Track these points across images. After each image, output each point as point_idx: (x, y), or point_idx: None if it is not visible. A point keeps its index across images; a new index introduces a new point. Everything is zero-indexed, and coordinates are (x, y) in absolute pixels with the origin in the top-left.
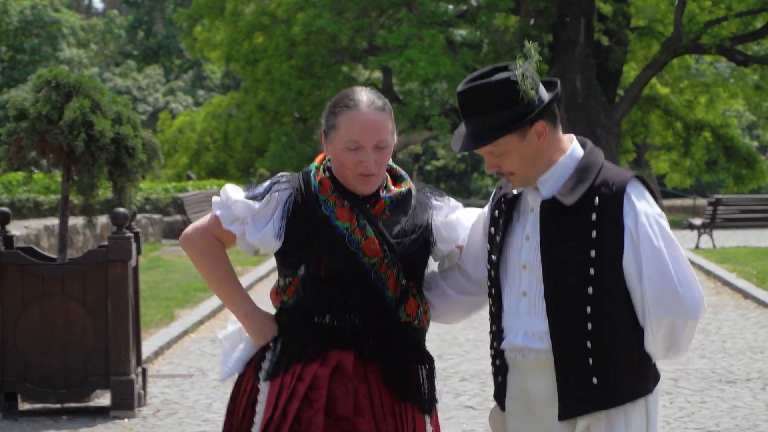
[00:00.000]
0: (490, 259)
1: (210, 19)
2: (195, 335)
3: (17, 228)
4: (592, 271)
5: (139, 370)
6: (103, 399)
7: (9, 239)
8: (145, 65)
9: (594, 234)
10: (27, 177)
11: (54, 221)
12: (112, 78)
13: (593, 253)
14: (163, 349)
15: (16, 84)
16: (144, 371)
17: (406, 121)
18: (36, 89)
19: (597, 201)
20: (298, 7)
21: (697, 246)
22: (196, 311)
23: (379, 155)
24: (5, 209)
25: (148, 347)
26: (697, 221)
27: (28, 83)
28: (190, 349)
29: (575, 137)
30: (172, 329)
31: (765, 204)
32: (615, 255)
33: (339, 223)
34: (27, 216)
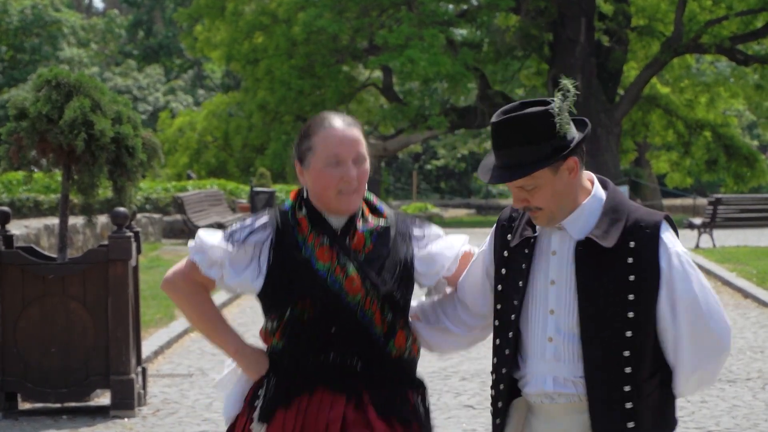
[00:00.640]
0: (508, 303)
1: (210, 19)
2: (195, 335)
3: (17, 227)
4: (630, 314)
5: (139, 369)
6: (103, 398)
7: (9, 239)
8: (146, 65)
9: (632, 278)
10: (27, 176)
11: (54, 221)
12: (112, 77)
13: (631, 297)
14: (163, 349)
15: (16, 83)
16: (144, 371)
17: (406, 121)
18: (36, 89)
19: (633, 244)
20: (298, 7)
21: (697, 245)
22: None
23: (359, 169)
24: (5, 209)
25: (148, 347)
26: (697, 221)
27: (28, 83)
28: (190, 349)
29: (594, 176)
30: (172, 329)
31: (765, 203)
32: (651, 298)
33: (320, 266)
34: (27, 215)
